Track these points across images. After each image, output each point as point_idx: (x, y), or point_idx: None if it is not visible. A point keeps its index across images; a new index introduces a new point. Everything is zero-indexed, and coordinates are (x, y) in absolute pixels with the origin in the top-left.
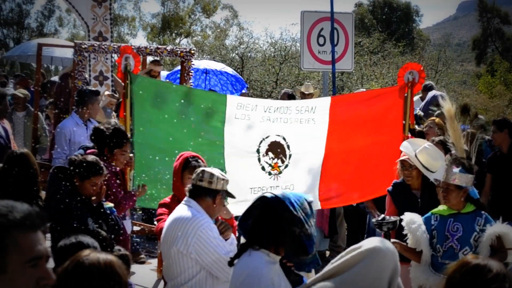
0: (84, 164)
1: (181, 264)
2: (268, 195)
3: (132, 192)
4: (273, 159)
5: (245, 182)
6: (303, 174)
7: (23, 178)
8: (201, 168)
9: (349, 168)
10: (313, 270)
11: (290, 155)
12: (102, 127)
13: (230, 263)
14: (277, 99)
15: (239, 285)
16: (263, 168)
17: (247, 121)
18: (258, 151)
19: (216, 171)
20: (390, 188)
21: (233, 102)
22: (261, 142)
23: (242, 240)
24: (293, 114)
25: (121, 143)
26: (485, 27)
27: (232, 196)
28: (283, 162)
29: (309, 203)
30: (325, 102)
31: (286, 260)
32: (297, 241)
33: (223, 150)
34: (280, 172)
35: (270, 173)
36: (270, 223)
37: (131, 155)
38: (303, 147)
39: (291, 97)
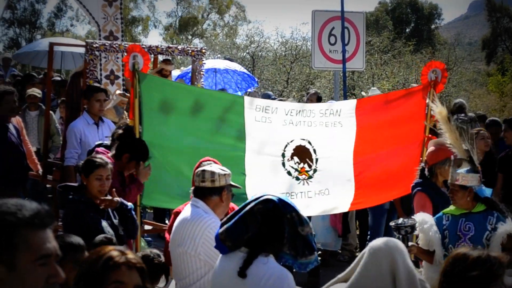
0: (88, 161)
1: (190, 265)
2: (272, 197)
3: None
4: (299, 163)
5: (270, 188)
6: (336, 178)
7: None
8: (200, 169)
9: (377, 169)
10: None
11: (317, 159)
12: (134, 133)
13: (243, 275)
14: (288, 98)
15: None
16: (289, 173)
17: (269, 124)
18: (283, 155)
19: (215, 168)
20: (420, 188)
21: (252, 104)
22: (286, 146)
23: None
24: (317, 117)
25: (142, 159)
26: (494, 27)
27: (237, 187)
28: (310, 166)
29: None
30: (350, 105)
31: (285, 263)
32: (304, 240)
33: (243, 154)
34: (310, 177)
35: (297, 178)
36: (278, 225)
37: None
38: (332, 151)
39: (319, 99)
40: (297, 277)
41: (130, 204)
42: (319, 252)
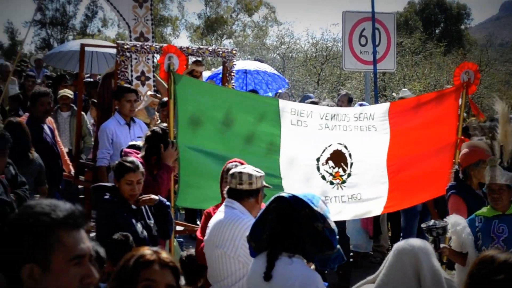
0: (120, 164)
1: (229, 267)
2: (285, 194)
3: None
4: (334, 168)
5: (306, 192)
6: (369, 183)
7: None
8: (236, 171)
9: (410, 172)
10: None
11: (351, 164)
12: (161, 133)
13: (268, 277)
14: (319, 99)
15: None
16: (323, 177)
17: (305, 128)
18: (318, 159)
19: (251, 170)
20: (455, 190)
21: (287, 107)
22: (324, 150)
23: None
24: (352, 121)
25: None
26: None
27: (269, 187)
28: (344, 171)
29: (323, 201)
30: (383, 109)
31: (309, 260)
32: (321, 236)
33: (278, 157)
34: (344, 182)
35: (332, 183)
36: (292, 223)
37: None
38: (366, 155)
39: (350, 100)
40: (328, 278)
41: (168, 202)
42: (351, 253)
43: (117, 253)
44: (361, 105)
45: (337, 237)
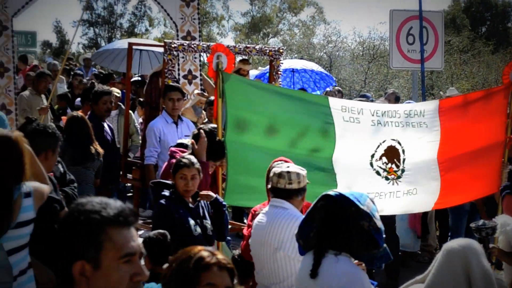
0: (176, 160)
1: (289, 268)
2: (332, 193)
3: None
4: (387, 163)
5: (360, 187)
6: (423, 179)
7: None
8: (284, 171)
9: (460, 170)
10: None
11: (404, 160)
12: (208, 131)
13: (313, 275)
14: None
15: None
16: (377, 173)
17: (358, 124)
18: (372, 155)
19: (297, 169)
20: (509, 190)
21: (337, 104)
22: (378, 146)
23: None
24: (403, 118)
25: (218, 157)
26: None
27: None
28: (398, 167)
29: (371, 199)
30: (433, 106)
31: (356, 258)
32: (367, 235)
33: (332, 152)
34: (399, 177)
35: (387, 178)
36: (338, 221)
37: None
38: (418, 151)
39: (397, 98)
40: (376, 277)
41: (224, 202)
42: (399, 253)
43: (155, 252)
44: (409, 103)
45: (384, 236)
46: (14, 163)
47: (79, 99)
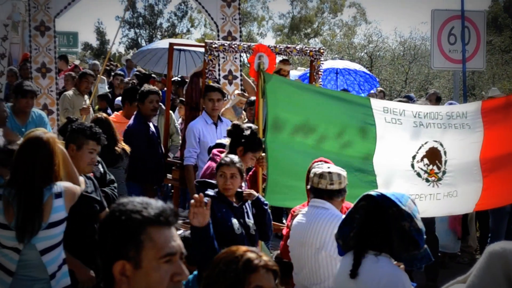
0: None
1: (330, 268)
2: (373, 193)
3: None
4: (428, 165)
5: (400, 188)
6: (465, 181)
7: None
8: (325, 171)
9: (502, 171)
10: None
11: (445, 161)
12: (242, 126)
13: (353, 275)
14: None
15: None
16: (418, 175)
17: (400, 126)
18: (414, 157)
19: (338, 169)
20: None
21: (379, 105)
22: (420, 148)
23: None
24: (445, 119)
25: (256, 148)
26: None
27: None
28: (439, 168)
29: (412, 200)
30: (475, 107)
31: (395, 259)
32: (408, 236)
33: (373, 153)
34: (439, 179)
35: (427, 180)
36: (379, 221)
37: (263, 154)
38: (460, 153)
39: (438, 99)
40: (416, 279)
41: (266, 201)
42: (439, 254)
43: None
44: (450, 104)
45: (425, 237)
46: (44, 164)
47: (119, 98)
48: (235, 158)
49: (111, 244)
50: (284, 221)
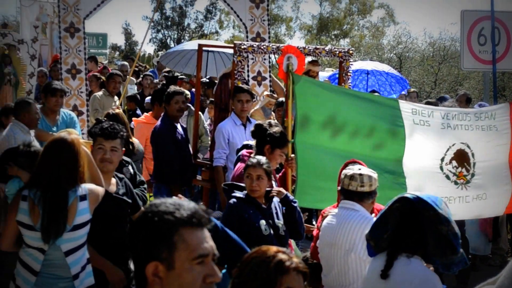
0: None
1: (359, 270)
2: (409, 195)
3: None
4: (457, 167)
5: (429, 191)
6: (493, 183)
7: None
8: (356, 173)
9: None
10: None
11: (474, 164)
12: (265, 125)
13: (384, 276)
14: (436, 100)
15: None
16: (447, 177)
17: (428, 127)
18: (442, 159)
19: (369, 171)
20: None
21: (407, 107)
22: (447, 150)
23: None
24: (473, 121)
25: (283, 143)
26: None
27: None
28: (468, 171)
29: (445, 203)
30: (504, 108)
31: (428, 262)
32: (445, 240)
33: (402, 155)
34: (468, 182)
35: (456, 183)
36: (414, 223)
37: (292, 155)
38: (488, 155)
39: (468, 100)
40: (446, 281)
41: (295, 200)
42: (469, 256)
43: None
44: (480, 105)
45: (460, 241)
46: (69, 165)
47: (148, 98)
48: (262, 159)
49: (144, 245)
50: (314, 222)
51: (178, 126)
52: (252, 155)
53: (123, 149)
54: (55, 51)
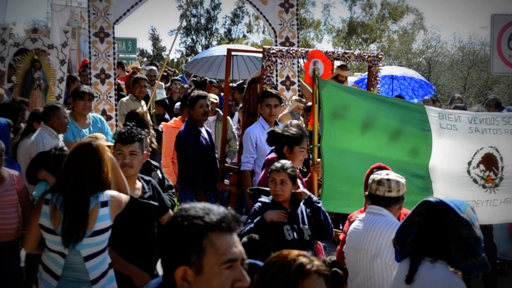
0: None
1: (385, 275)
2: (432, 199)
3: None
4: (485, 171)
5: (456, 195)
6: None
7: None
8: (384, 178)
9: None
10: None
11: (502, 167)
12: (275, 130)
13: (409, 280)
14: (466, 104)
15: None
16: (475, 181)
17: (455, 131)
18: (469, 163)
19: (396, 176)
20: None
21: (433, 112)
22: (475, 153)
23: None
24: (501, 125)
25: (299, 139)
26: None
27: None
28: (496, 174)
29: (472, 207)
30: None
31: (452, 266)
32: (465, 243)
33: (428, 159)
34: (496, 185)
35: (484, 186)
36: (437, 227)
37: (318, 159)
38: None
39: (498, 104)
40: (473, 286)
41: (319, 201)
42: (497, 261)
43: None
44: (509, 110)
45: (483, 245)
46: (92, 171)
47: (178, 103)
48: (287, 163)
49: (173, 249)
50: (341, 227)
51: (203, 130)
52: (276, 160)
53: (145, 152)
54: (82, 56)
